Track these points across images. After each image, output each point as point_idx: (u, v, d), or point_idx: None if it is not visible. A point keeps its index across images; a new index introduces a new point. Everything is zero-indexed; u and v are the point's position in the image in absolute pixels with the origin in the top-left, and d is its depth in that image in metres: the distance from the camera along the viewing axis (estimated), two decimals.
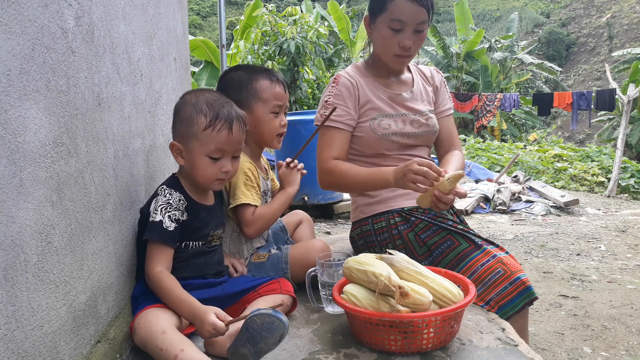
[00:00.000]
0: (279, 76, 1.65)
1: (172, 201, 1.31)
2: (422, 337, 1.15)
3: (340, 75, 1.70)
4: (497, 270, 1.47)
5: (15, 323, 0.82)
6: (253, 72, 1.63)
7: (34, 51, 0.88)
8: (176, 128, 1.37)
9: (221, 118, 1.32)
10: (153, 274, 1.26)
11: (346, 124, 1.66)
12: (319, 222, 4.80)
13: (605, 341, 2.42)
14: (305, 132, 4.30)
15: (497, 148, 11.39)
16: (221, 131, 1.32)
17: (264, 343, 1.10)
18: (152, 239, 1.28)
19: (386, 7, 1.58)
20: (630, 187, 8.52)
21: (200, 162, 1.33)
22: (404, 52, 1.62)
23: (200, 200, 1.39)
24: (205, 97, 1.36)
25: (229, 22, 24.60)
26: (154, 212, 1.29)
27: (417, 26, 1.59)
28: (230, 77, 1.65)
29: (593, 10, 34.92)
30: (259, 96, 1.60)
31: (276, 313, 1.10)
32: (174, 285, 1.25)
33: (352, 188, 1.70)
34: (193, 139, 1.32)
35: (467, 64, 17.18)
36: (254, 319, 1.11)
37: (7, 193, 0.79)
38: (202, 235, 1.37)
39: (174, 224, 1.29)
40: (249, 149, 1.67)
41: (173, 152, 1.37)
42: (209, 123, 1.31)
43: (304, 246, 1.61)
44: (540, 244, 4.27)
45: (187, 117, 1.33)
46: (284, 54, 8.87)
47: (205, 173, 1.34)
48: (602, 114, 15.30)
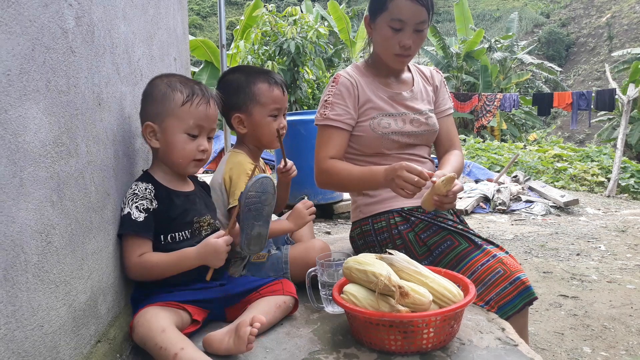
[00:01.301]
0: (277, 78, 1.65)
1: (138, 191, 1.29)
2: (422, 337, 1.15)
3: (340, 75, 1.71)
4: (497, 270, 1.47)
5: (15, 323, 0.82)
6: (251, 75, 1.63)
7: (34, 51, 0.88)
8: (147, 110, 1.33)
9: (198, 93, 1.32)
10: (134, 263, 1.25)
11: (345, 123, 1.66)
12: (319, 222, 4.80)
13: (605, 341, 2.42)
14: (305, 132, 4.30)
15: (497, 148, 11.39)
16: (199, 106, 1.31)
17: (266, 205, 1.09)
18: (124, 233, 1.26)
19: (386, 7, 1.59)
20: (630, 187, 8.52)
21: (177, 140, 1.31)
22: (404, 51, 1.63)
23: (175, 187, 1.37)
24: (177, 77, 1.35)
25: (229, 22, 24.59)
26: (122, 206, 1.28)
27: (417, 25, 1.59)
28: (229, 80, 1.65)
29: (593, 10, 34.92)
30: (257, 100, 1.60)
31: (254, 177, 1.12)
32: (159, 257, 1.25)
33: (347, 187, 1.71)
34: (169, 116, 1.30)
35: (467, 64, 17.18)
36: (247, 196, 1.12)
37: (7, 193, 0.80)
38: (185, 224, 1.34)
39: (143, 213, 1.26)
40: (249, 150, 1.67)
41: (146, 134, 1.33)
42: (186, 98, 1.30)
43: (304, 246, 1.62)
44: (540, 244, 4.27)
45: (160, 96, 1.31)
46: (284, 54, 8.88)
47: (183, 152, 1.32)
48: (602, 114, 15.30)
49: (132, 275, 1.27)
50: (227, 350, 1.16)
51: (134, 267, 1.25)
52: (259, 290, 1.39)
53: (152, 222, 1.28)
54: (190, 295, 1.30)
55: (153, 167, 1.39)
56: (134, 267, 1.25)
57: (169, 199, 1.33)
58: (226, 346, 1.16)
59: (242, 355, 1.19)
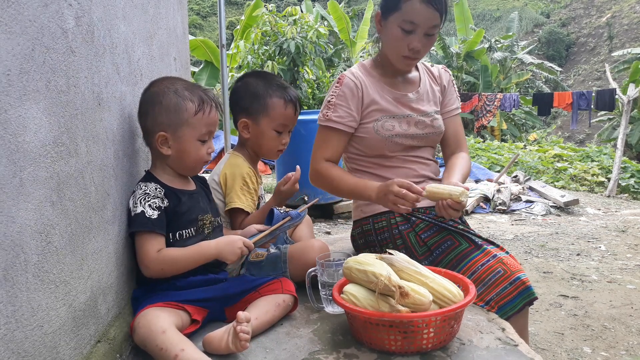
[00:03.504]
0: (293, 95, 1.66)
1: (149, 191, 1.32)
2: (422, 337, 1.15)
3: (344, 76, 1.69)
4: (497, 270, 1.47)
5: (15, 323, 0.82)
6: (270, 87, 1.65)
7: (34, 51, 0.88)
8: (158, 119, 1.34)
9: (207, 101, 1.37)
10: (154, 259, 1.26)
11: (346, 125, 1.66)
12: (319, 222, 4.80)
13: (605, 341, 2.42)
14: (305, 132, 4.29)
15: (497, 148, 11.39)
16: (210, 113, 1.37)
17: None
18: (138, 231, 1.28)
19: (400, 7, 1.56)
20: (630, 187, 8.51)
21: (192, 147, 1.36)
22: (412, 54, 1.61)
23: (179, 186, 1.40)
24: (180, 83, 1.38)
25: (229, 22, 24.60)
26: (134, 206, 1.30)
27: (428, 30, 1.57)
28: (248, 84, 1.66)
29: (593, 10, 34.92)
30: (268, 113, 1.63)
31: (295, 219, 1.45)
32: (179, 251, 1.29)
33: (338, 193, 1.74)
34: (183, 126, 1.34)
35: (467, 64, 17.17)
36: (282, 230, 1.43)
37: (7, 193, 0.79)
38: (190, 221, 1.37)
39: (157, 211, 1.29)
40: (248, 155, 1.68)
41: (157, 143, 1.35)
42: (198, 107, 1.35)
43: (303, 246, 1.62)
44: (540, 244, 4.27)
45: (173, 105, 1.34)
46: (284, 54, 8.88)
47: (197, 156, 1.38)
48: (602, 114, 15.29)
49: (152, 271, 1.28)
50: (227, 349, 1.16)
51: (154, 262, 1.26)
52: (258, 289, 1.40)
53: (165, 219, 1.31)
54: (190, 295, 1.30)
55: (155, 169, 1.41)
56: (154, 263, 1.26)
57: (177, 197, 1.36)
58: (225, 345, 1.16)
59: (242, 355, 1.19)
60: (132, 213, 1.29)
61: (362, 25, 13.22)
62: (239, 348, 1.15)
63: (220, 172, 1.61)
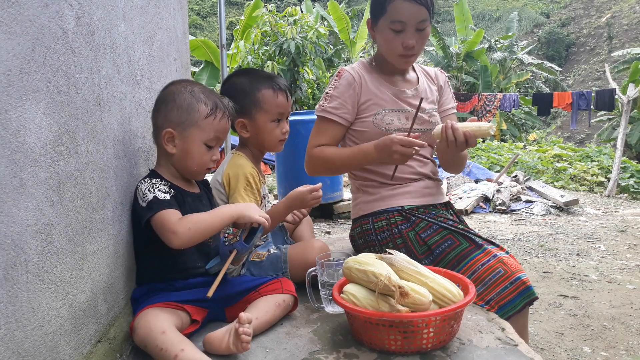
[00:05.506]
0: (282, 83, 1.65)
1: (155, 182, 1.32)
2: (422, 336, 1.15)
3: (344, 70, 1.72)
4: (497, 270, 1.47)
5: (15, 323, 0.82)
6: (256, 81, 1.63)
7: (34, 51, 0.88)
8: (169, 116, 1.35)
9: (220, 107, 1.37)
10: (178, 226, 1.22)
11: (340, 117, 1.68)
12: (319, 222, 4.80)
13: (605, 341, 2.42)
14: (305, 132, 4.26)
15: (497, 148, 11.39)
16: (221, 120, 1.37)
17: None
18: (156, 212, 1.24)
19: (386, 9, 1.59)
20: (630, 187, 8.51)
21: (196, 150, 1.36)
22: (407, 51, 1.63)
23: (184, 187, 1.40)
24: (198, 86, 1.39)
25: (229, 22, 24.60)
26: (143, 196, 1.28)
27: (418, 25, 1.60)
28: (233, 84, 1.65)
29: (593, 11, 34.94)
30: (261, 106, 1.61)
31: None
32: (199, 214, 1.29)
33: (337, 170, 1.74)
34: (192, 127, 1.34)
35: (467, 64, 17.19)
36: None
37: (7, 193, 0.80)
38: None
39: (168, 194, 1.29)
40: (251, 153, 1.68)
41: (164, 139, 1.35)
42: (210, 111, 1.35)
43: (303, 246, 1.62)
44: (540, 243, 4.27)
45: (186, 105, 1.34)
46: (284, 54, 8.88)
47: (200, 160, 1.37)
48: (601, 114, 15.29)
49: (180, 235, 1.22)
50: (228, 350, 1.16)
51: (180, 225, 1.22)
52: (258, 289, 1.39)
53: (176, 203, 1.30)
54: (190, 295, 1.30)
55: (160, 167, 1.41)
56: (179, 225, 1.22)
57: (182, 196, 1.36)
58: (226, 346, 1.16)
59: (242, 355, 1.19)
60: (144, 203, 1.26)
61: (362, 25, 13.22)
62: (240, 349, 1.15)
63: (223, 172, 1.60)
